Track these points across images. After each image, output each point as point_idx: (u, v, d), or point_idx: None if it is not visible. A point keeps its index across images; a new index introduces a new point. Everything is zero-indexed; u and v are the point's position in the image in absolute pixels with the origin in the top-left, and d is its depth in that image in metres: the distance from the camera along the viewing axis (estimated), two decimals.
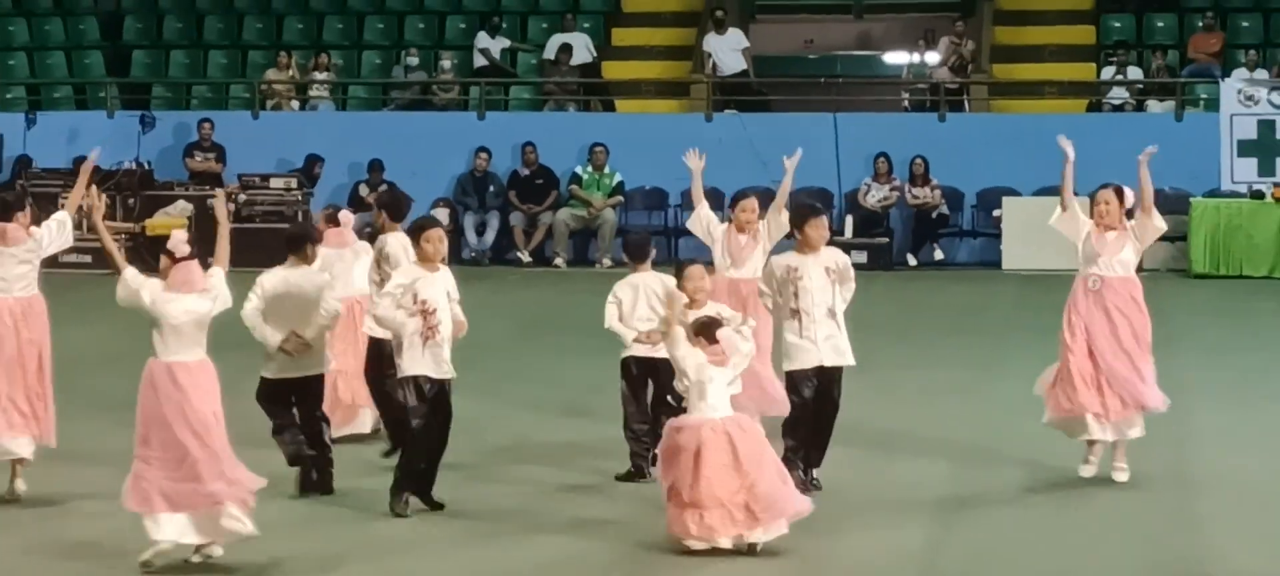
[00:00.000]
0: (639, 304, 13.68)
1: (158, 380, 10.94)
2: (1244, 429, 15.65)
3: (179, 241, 11.31)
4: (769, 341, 14.02)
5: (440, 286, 12.50)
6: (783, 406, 14.12)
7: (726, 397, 11.68)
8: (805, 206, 13.91)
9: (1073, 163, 14.47)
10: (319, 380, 13.39)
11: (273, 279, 13.32)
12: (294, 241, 13.64)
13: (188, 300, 11.02)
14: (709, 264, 13.75)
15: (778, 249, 15.19)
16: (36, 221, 13.36)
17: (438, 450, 12.64)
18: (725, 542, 11.32)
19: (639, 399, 13.64)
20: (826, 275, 13.24)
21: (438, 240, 12.55)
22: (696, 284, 12.79)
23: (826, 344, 13.13)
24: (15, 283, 12.99)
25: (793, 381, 13.21)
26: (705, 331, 11.82)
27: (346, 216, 15.58)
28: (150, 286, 11.07)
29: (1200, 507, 13.06)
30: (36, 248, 13.08)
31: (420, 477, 12.58)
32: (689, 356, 11.69)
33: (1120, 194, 13.80)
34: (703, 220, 15.32)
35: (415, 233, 12.80)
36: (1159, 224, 13.87)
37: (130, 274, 11.15)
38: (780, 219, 15.02)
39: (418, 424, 12.42)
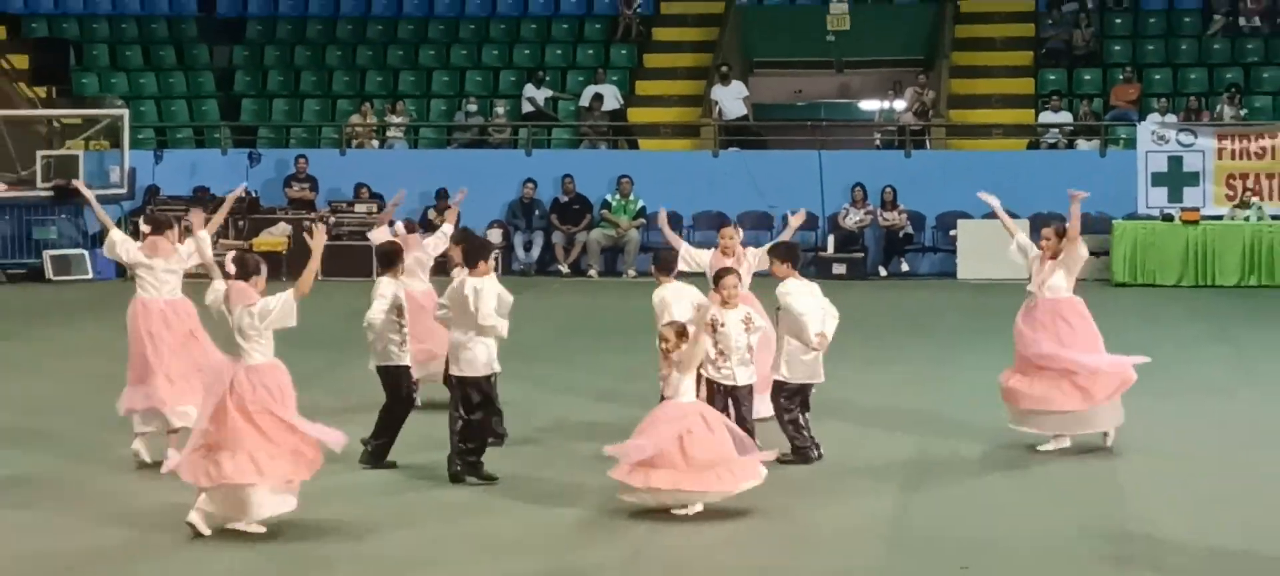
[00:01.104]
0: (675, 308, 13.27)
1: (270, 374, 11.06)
2: (1160, 413, 15.56)
3: (227, 261, 11.46)
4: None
5: None
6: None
7: (687, 388, 11.64)
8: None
9: (1000, 207, 14.47)
10: None
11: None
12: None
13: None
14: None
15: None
16: (180, 239, 13.74)
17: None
18: (666, 499, 11.40)
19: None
20: None
21: None
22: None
23: None
24: (164, 287, 13.41)
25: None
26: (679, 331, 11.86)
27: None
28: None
29: (1124, 479, 13.02)
30: (181, 261, 13.53)
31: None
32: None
33: (1060, 231, 13.78)
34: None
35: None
36: (1082, 252, 13.69)
37: (217, 284, 11.36)
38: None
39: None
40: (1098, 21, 32.16)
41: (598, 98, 30.82)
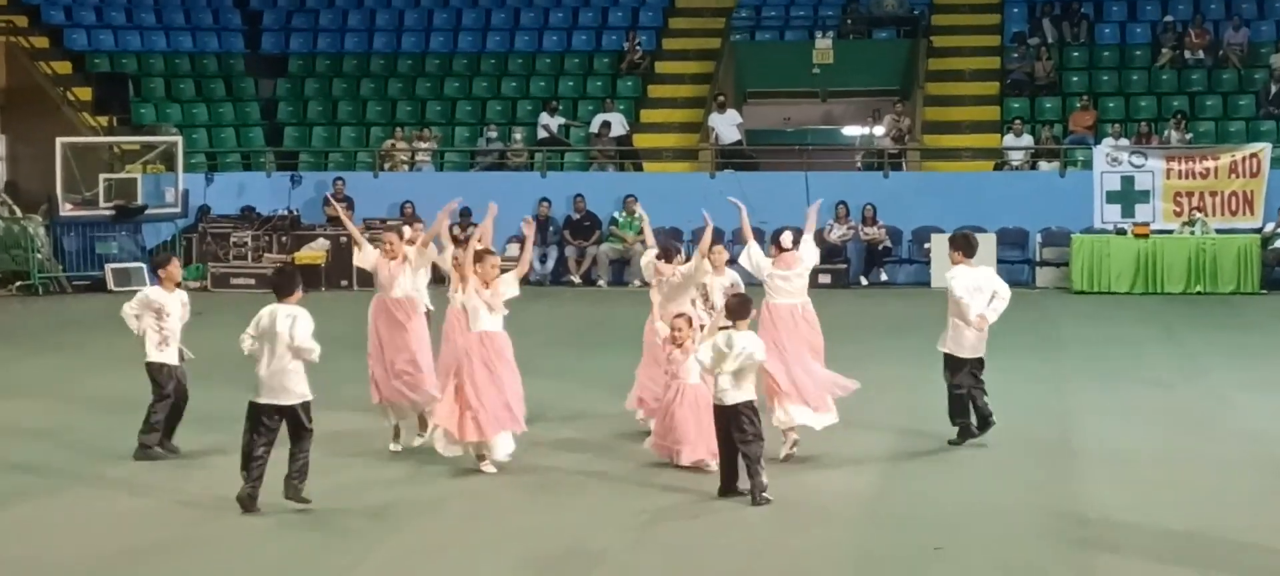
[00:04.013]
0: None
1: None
2: (1112, 405, 15.65)
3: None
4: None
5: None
6: None
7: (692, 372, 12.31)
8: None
9: (745, 215, 14.50)
10: None
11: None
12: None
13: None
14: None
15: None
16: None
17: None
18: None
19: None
20: None
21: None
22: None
23: None
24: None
25: None
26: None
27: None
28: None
29: (1081, 466, 13.06)
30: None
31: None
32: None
33: (796, 237, 13.50)
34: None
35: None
36: (804, 256, 13.48)
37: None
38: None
39: None
40: (1057, 54, 32.22)
41: (606, 125, 30.87)
